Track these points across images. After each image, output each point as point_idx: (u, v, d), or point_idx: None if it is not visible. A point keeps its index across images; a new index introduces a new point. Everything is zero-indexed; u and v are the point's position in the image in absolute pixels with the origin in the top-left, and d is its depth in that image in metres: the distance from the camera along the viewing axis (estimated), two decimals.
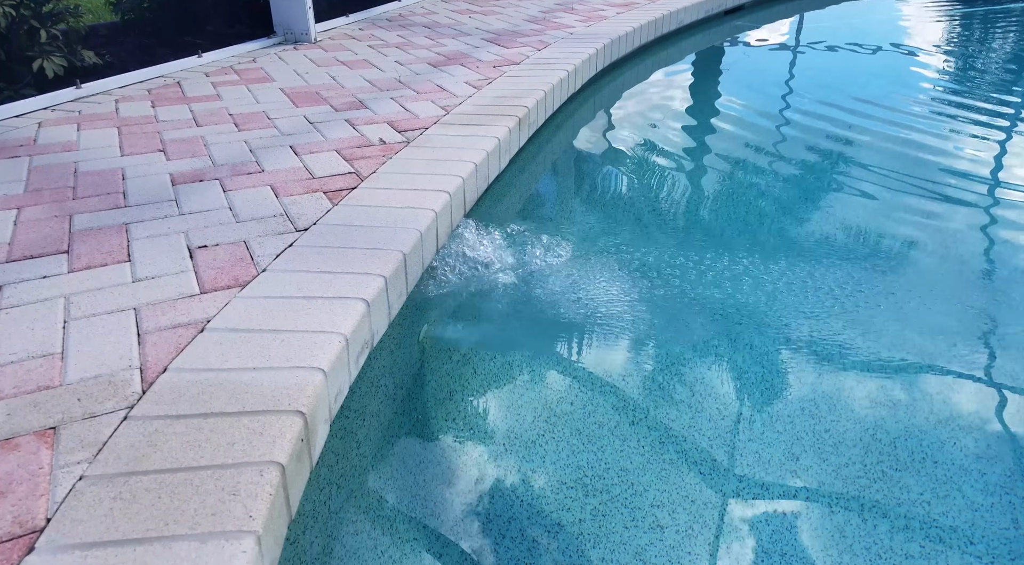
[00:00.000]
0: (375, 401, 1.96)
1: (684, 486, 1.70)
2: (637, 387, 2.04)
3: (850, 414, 1.92)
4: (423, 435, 1.88)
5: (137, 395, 1.52)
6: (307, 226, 2.31)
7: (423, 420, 1.93)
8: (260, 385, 1.54)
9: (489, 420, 1.92)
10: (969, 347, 2.20)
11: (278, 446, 1.37)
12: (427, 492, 1.70)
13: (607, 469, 1.75)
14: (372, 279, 1.99)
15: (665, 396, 2.00)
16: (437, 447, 1.83)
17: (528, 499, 1.67)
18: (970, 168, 3.55)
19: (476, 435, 1.87)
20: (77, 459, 1.34)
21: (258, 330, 1.74)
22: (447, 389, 2.03)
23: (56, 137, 3.12)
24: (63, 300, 1.88)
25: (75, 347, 1.68)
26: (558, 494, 1.68)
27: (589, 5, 6.38)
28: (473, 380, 2.06)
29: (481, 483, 1.72)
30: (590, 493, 1.68)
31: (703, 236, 2.87)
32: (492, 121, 3.31)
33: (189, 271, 2.03)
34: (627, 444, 1.83)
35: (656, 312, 2.36)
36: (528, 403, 1.98)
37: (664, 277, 2.55)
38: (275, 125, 3.30)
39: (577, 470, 1.75)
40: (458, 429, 1.89)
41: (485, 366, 2.12)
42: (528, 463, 1.77)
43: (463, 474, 1.75)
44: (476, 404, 1.98)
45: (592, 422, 1.91)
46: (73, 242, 2.18)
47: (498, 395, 2.01)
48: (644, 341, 2.23)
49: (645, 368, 2.12)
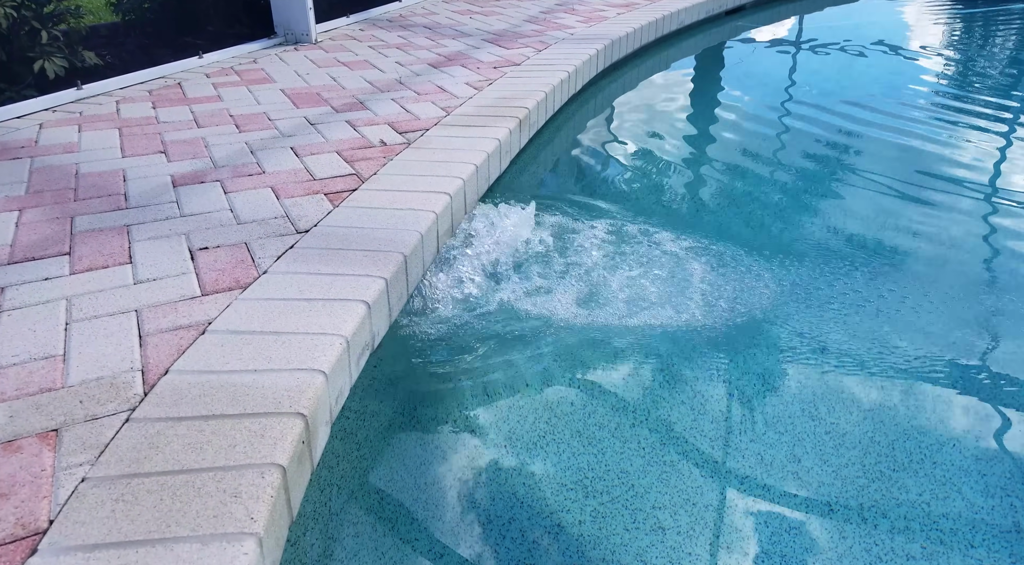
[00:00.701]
0: (375, 402, 1.96)
1: (689, 488, 1.70)
2: (637, 391, 2.05)
3: (848, 418, 1.93)
4: (424, 436, 1.89)
5: (139, 397, 1.53)
6: (308, 228, 2.32)
7: (423, 421, 1.93)
8: (261, 387, 1.54)
9: (490, 421, 1.93)
10: (969, 352, 2.21)
11: (279, 448, 1.37)
12: (428, 494, 1.70)
13: (607, 470, 1.75)
14: (373, 281, 1.99)
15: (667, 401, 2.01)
16: (438, 448, 1.84)
17: (529, 500, 1.68)
18: (972, 170, 3.56)
19: (477, 436, 1.88)
20: (79, 461, 1.35)
21: (259, 332, 1.75)
22: (447, 390, 2.03)
23: (57, 138, 3.13)
24: (65, 302, 1.88)
25: (77, 349, 1.68)
26: (559, 496, 1.68)
27: (590, 6, 6.39)
28: (474, 381, 2.07)
29: (482, 485, 1.73)
30: (590, 494, 1.68)
31: (704, 237, 2.87)
32: (493, 122, 3.32)
33: (190, 273, 2.03)
34: (628, 446, 1.83)
35: (656, 313, 2.36)
36: (529, 404, 1.99)
37: (664, 278, 2.56)
38: (276, 126, 3.30)
39: (578, 472, 1.75)
40: (459, 430, 1.90)
41: (486, 366, 2.13)
42: (529, 464, 1.78)
43: (464, 475, 1.76)
44: (477, 404, 1.99)
45: (593, 423, 1.91)
46: (75, 244, 2.19)
47: (499, 395, 2.02)
48: (641, 350, 2.24)
49: (644, 377, 2.12)
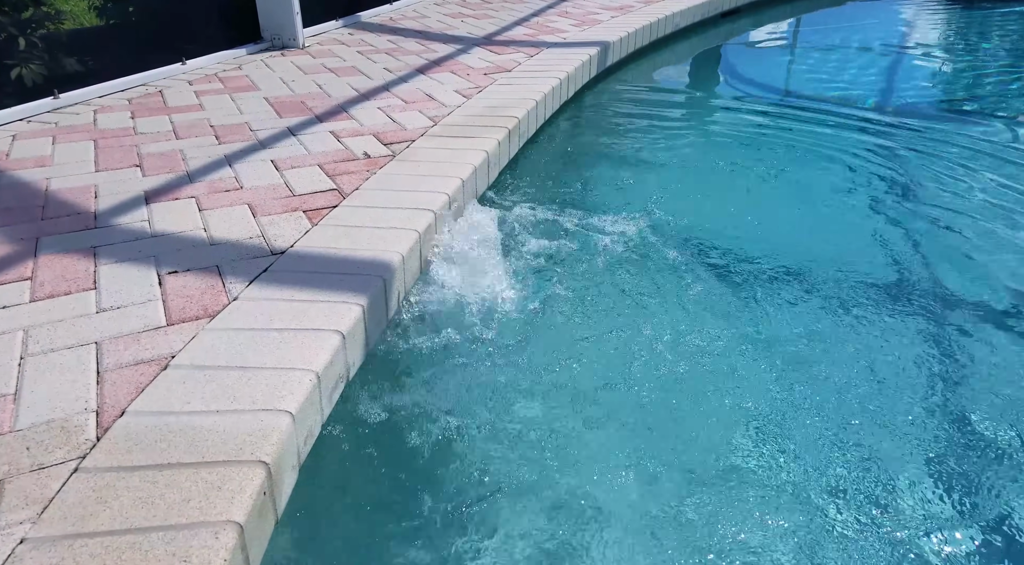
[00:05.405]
0: (350, 438, 1.86)
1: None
2: (628, 403, 1.96)
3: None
4: (401, 475, 1.78)
5: (91, 443, 1.43)
6: (284, 248, 2.22)
7: (402, 458, 1.83)
8: (222, 431, 1.45)
9: (471, 454, 1.83)
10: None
11: (236, 503, 1.28)
12: (404, 540, 1.61)
13: (599, 509, 1.66)
14: (349, 308, 1.90)
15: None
16: (416, 490, 1.74)
17: (517, 550, 1.58)
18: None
19: (459, 472, 1.78)
20: (20, 518, 1.25)
21: (224, 367, 1.65)
22: (427, 422, 1.93)
23: (30, 151, 3.02)
24: (22, 333, 1.79)
25: (30, 387, 1.59)
26: (549, 544, 1.59)
27: (583, 8, 6.29)
28: (455, 412, 1.97)
29: (466, 530, 1.63)
30: (580, 537, 1.59)
31: (697, 251, 2.78)
32: (481, 133, 3.22)
33: (157, 300, 1.93)
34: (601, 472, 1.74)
35: (644, 326, 2.27)
36: (513, 433, 1.89)
37: (649, 289, 2.47)
38: (257, 137, 3.20)
39: (571, 515, 1.66)
40: (438, 467, 1.80)
41: (468, 397, 2.03)
42: (520, 510, 1.68)
43: (445, 519, 1.66)
44: (457, 436, 1.89)
45: (584, 456, 1.82)
46: (37, 268, 2.09)
47: (480, 426, 1.92)
48: (632, 364, 2.15)
49: (629, 392, 2.03)
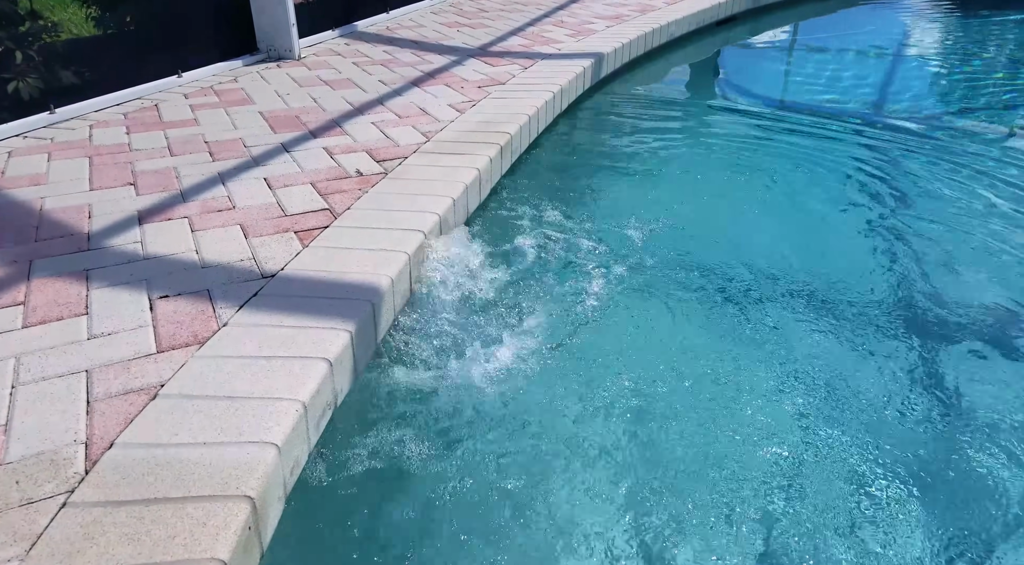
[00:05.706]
0: (337, 467, 1.87)
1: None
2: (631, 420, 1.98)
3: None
4: (390, 504, 1.80)
5: (79, 476, 1.45)
6: (274, 271, 2.24)
7: (391, 486, 1.86)
8: (208, 464, 1.47)
9: (462, 479, 1.85)
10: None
11: (221, 540, 1.30)
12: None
13: (598, 534, 1.69)
14: (337, 335, 1.92)
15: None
16: (404, 519, 1.76)
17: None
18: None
19: (450, 497, 1.80)
20: (8, 556, 1.28)
21: (212, 396, 1.68)
22: (415, 448, 1.95)
23: (25, 169, 3.04)
24: (14, 361, 1.81)
25: (20, 418, 1.61)
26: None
27: (579, 18, 6.31)
28: (443, 435, 2.00)
29: (458, 559, 1.66)
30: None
31: (694, 271, 2.80)
32: (473, 149, 3.24)
33: (148, 326, 1.96)
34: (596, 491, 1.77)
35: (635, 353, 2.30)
36: (507, 455, 1.91)
37: (642, 315, 2.49)
38: (251, 153, 3.22)
39: (568, 542, 1.68)
40: (429, 492, 1.82)
41: (458, 419, 2.05)
42: (512, 536, 1.71)
43: (435, 548, 1.68)
44: (447, 461, 1.91)
45: (583, 483, 1.84)
46: (31, 292, 2.11)
47: (472, 452, 1.95)
48: (626, 399, 2.17)
49: (622, 422, 2.06)
